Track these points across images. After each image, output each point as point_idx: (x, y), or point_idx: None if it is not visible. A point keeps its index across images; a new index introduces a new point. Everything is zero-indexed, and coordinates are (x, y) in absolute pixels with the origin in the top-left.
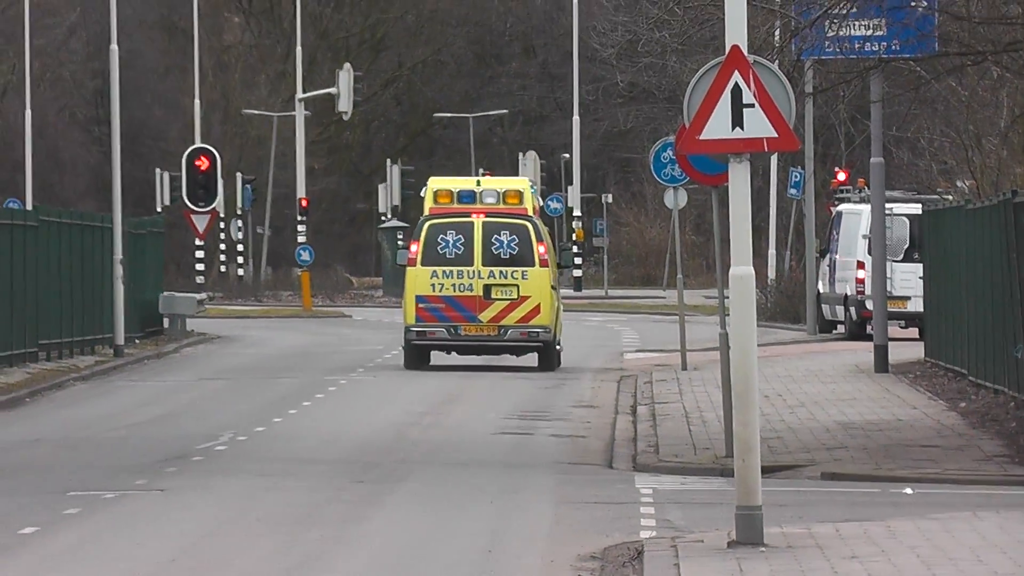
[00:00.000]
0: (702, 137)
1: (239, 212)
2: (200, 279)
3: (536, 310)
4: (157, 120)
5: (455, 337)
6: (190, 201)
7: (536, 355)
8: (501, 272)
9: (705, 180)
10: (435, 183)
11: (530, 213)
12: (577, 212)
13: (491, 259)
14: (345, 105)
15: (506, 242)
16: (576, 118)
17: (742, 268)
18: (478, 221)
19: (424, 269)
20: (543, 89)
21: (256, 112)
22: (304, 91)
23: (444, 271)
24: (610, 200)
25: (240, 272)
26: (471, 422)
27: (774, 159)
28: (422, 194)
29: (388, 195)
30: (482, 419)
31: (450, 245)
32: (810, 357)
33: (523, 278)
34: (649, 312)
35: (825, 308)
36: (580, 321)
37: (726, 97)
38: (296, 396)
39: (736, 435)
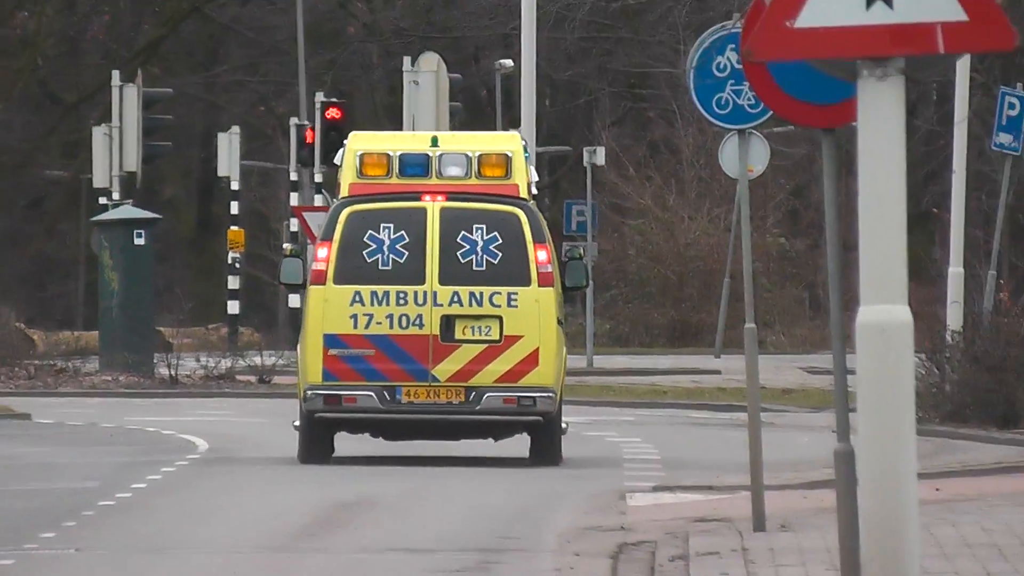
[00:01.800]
0: (799, 24)
1: None
2: None
3: (532, 359)
4: None
5: (392, 406)
6: None
7: (528, 436)
8: (472, 295)
9: (808, 118)
10: (360, 141)
11: (522, 194)
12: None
13: (455, 273)
14: None
15: (481, 244)
16: None
17: (886, 308)
18: (433, 207)
19: (340, 289)
20: None
21: None
22: None
23: (375, 293)
24: (600, 161)
25: None
26: None
27: (961, 72)
28: (336, 160)
29: (112, 151)
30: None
31: (385, 248)
32: None
33: (510, 305)
34: (681, 403)
35: None
36: None
37: None
38: None
39: None
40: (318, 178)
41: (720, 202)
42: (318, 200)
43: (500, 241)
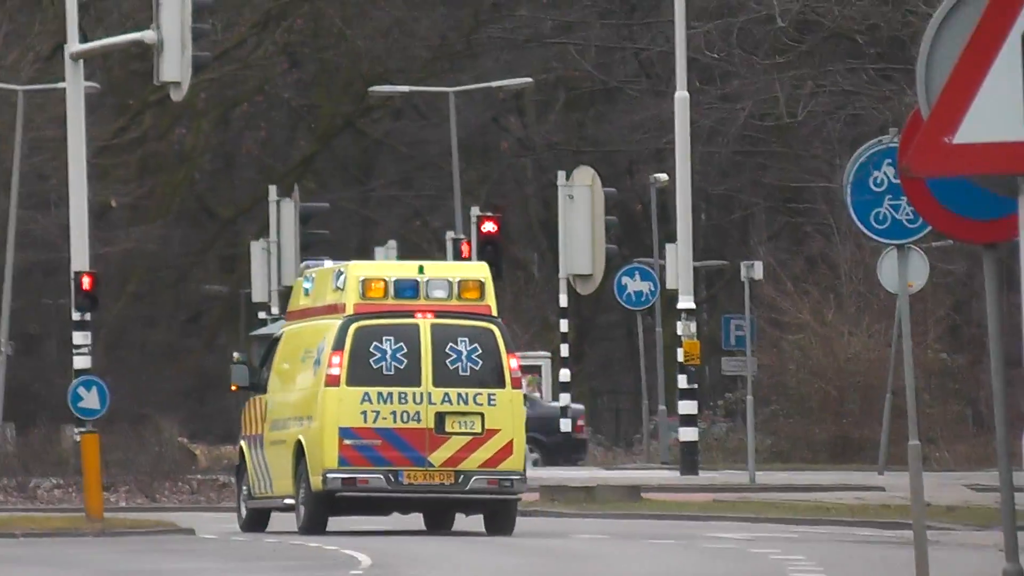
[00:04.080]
0: (958, 140)
1: None
2: None
3: (507, 449)
4: None
5: (396, 487)
6: None
7: (483, 515)
8: (459, 395)
9: (968, 233)
10: (359, 269)
11: (494, 312)
12: (687, 302)
13: (445, 377)
14: (175, 71)
15: (465, 353)
16: (683, 93)
17: None
18: (424, 324)
19: (351, 391)
20: (607, 34)
21: None
22: (84, 37)
23: (380, 393)
24: (758, 276)
25: None
26: None
27: None
28: (305, 284)
29: (271, 265)
30: None
31: (388, 357)
32: None
33: (490, 404)
34: (845, 520)
35: None
36: (692, 539)
37: (1013, 47)
38: None
39: None
40: None
41: (880, 317)
42: None
43: (480, 351)
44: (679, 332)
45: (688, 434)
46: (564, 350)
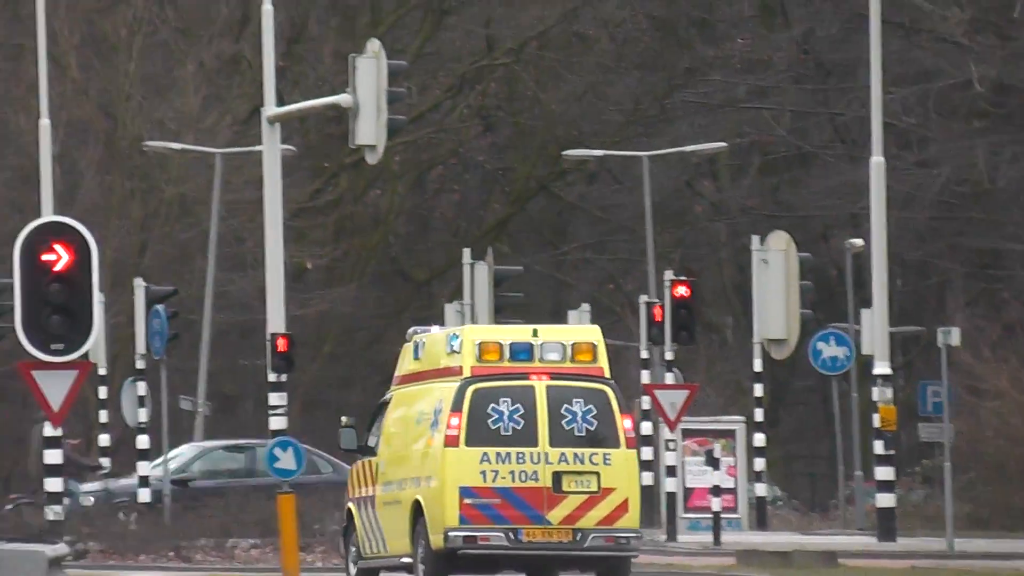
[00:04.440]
0: None
1: (140, 366)
2: (55, 510)
3: (623, 507)
4: None
5: (516, 544)
6: (33, 343)
7: (597, 573)
8: (576, 455)
9: None
10: (475, 333)
11: (607, 374)
12: (883, 368)
13: (561, 437)
14: (371, 134)
15: (580, 414)
16: (879, 159)
17: None
18: (540, 385)
19: (470, 451)
20: (802, 99)
21: (172, 147)
22: (281, 100)
23: (499, 453)
24: (955, 342)
25: (142, 497)
26: None
27: None
28: (415, 348)
29: (470, 323)
30: None
31: (505, 418)
32: None
33: (605, 463)
34: None
35: None
36: None
37: None
38: None
39: None
40: (669, 356)
41: None
42: (669, 378)
43: (595, 411)
44: (875, 398)
45: (885, 500)
46: (758, 415)
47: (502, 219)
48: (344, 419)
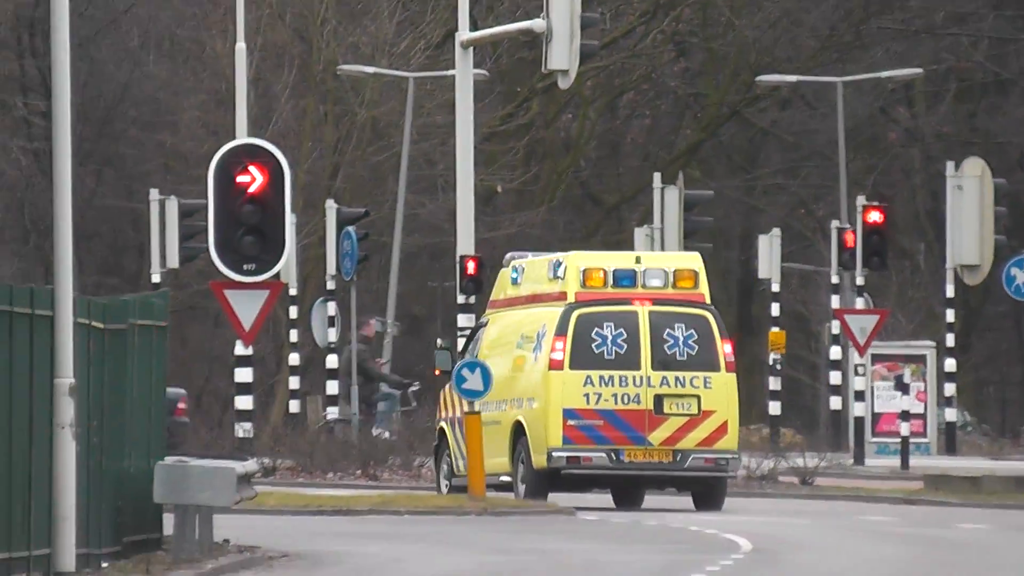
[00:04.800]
0: None
1: (330, 287)
2: (245, 427)
3: (722, 429)
4: (145, 92)
5: (618, 465)
6: (226, 263)
7: (693, 492)
8: (677, 379)
9: None
10: (579, 259)
11: (707, 300)
12: None
13: (663, 361)
14: (563, 58)
15: (682, 339)
16: None
17: None
18: (643, 310)
19: (574, 374)
20: (1001, 25)
21: (363, 70)
22: (474, 25)
23: (602, 376)
24: None
25: (329, 414)
26: None
27: None
28: (513, 274)
29: (659, 248)
30: None
31: (608, 342)
32: None
33: (706, 386)
34: None
35: None
36: None
37: None
38: None
39: None
40: (859, 281)
41: None
42: (859, 303)
43: (696, 336)
44: None
45: None
46: (950, 340)
47: (693, 144)
48: (439, 341)
